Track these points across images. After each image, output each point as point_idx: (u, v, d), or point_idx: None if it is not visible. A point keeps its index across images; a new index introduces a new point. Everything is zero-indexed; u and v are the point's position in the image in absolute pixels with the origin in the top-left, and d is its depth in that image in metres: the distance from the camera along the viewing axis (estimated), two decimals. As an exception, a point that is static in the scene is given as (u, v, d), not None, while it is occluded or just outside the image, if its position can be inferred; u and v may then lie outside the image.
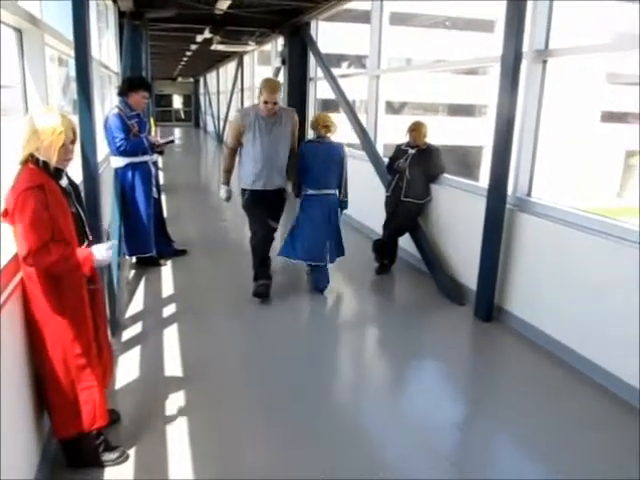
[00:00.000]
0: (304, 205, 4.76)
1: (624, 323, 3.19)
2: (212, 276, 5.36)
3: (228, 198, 4.73)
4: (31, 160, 2.21)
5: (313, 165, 4.61)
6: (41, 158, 2.21)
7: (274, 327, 4.15)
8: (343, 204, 4.83)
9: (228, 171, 4.67)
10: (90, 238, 2.49)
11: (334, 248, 4.84)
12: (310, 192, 4.68)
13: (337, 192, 4.73)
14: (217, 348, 3.82)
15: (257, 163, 4.35)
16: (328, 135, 4.68)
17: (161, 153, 5.52)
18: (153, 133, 5.42)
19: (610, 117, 23.43)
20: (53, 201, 2.17)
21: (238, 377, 3.44)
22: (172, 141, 5.77)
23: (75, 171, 3.77)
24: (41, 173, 2.20)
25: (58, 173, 2.28)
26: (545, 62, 4.02)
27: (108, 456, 2.54)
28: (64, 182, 2.33)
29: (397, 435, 2.90)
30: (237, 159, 4.56)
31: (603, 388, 3.34)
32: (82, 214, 2.42)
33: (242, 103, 16.10)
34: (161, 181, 7.16)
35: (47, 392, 2.35)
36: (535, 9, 3.94)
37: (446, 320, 4.46)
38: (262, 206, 4.51)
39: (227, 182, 4.71)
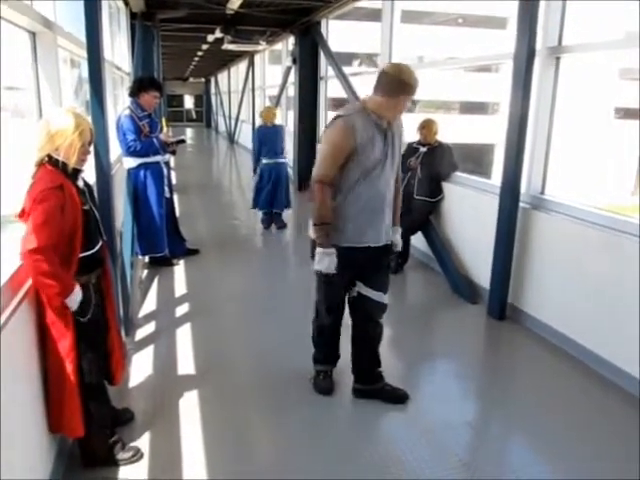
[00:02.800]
0: (263, 170, 6.77)
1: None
2: (224, 275, 5.38)
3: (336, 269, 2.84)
4: (49, 161, 2.22)
5: (266, 141, 6.72)
6: (60, 159, 2.23)
7: (287, 324, 4.15)
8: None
9: (328, 222, 2.77)
10: (105, 238, 2.51)
11: (284, 199, 6.94)
12: (265, 161, 6.73)
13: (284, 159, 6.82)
14: (230, 347, 3.83)
15: (375, 206, 2.81)
16: (274, 121, 6.79)
17: (173, 153, 5.54)
18: (165, 131, 5.44)
19: (624, 113, 23.16)
20: (69, 203, 2.18)
21: (251, 376, 3.44)
22: (183, 141, 5.79)
23: (88, 172, 3.81)
24: (60, 174, 2.22)
25: (75, 174, 2.30)
26: (558, 59, 3.99)
27: (122, 455, 2.56)
28: (80, 183, 2.35)
29: (409, 433, 2.89)
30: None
31: (619, 388, 3.31)
32: (96, 214, 2.44)
33: (253, 103, 16.12)
34: (173, 181, 7.19)
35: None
36: (548, 6, 3.91)
37: (459, 319, 4.43)
38: (357, 270, 2.97)
39: (329, 242, 2.79)
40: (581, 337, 3.66)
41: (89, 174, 3.82)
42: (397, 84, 2.69)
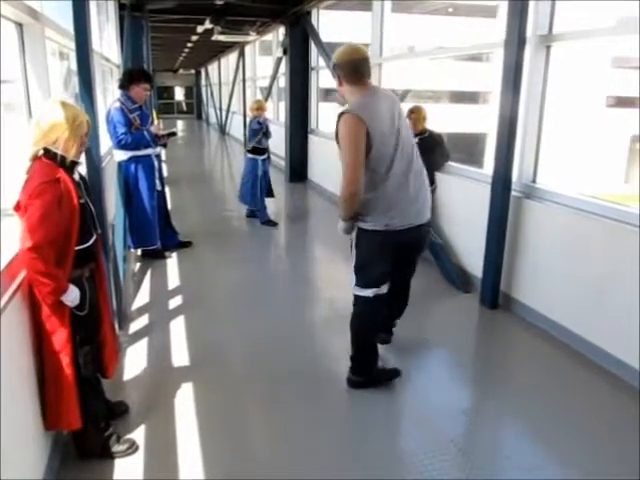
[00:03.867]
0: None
1: (631, 310, 3.19)
2: (217, 267, 5.37)
3: None
4: (45, 155, 2.20)
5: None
6: (58, 152, 2.21)
7: (279, 315, 4.16)
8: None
9: None
10: (99, 231, 2.50)
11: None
12: (250, 156, 6.80)
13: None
14: (223, 338, 3.83)
15: None
16: (259, 113, 6.65)
17: (164, 146, 5.51)
18: (156, 123, 5.39)
19: (616, 102, 23.23)
20: (66, 197, 2.17)
21: (245, 367, 3.45)
22: (174, 133, 5.76)
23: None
24: (56, 167, 2.20)
25: (72, 167, 2.28)
26: (549, 47, 3.98)
27: (117, 447, 2.56)
28: (76, 176, 2.34)
29: (404, 421, 2.92)
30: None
31: (611, 374, 3.34)
32: (91, 207, 2.42)
33: (244, 94, 16.03)
34: (164, 173, 7.17)
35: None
36: (538, -7, 3.91)
37: (451, 307, 4.46)
38: None
39: None
40: (573, 324, 3.68)
41: (80, 167, 3.80)
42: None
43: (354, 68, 2.85)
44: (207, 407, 2.98)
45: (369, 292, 3.01)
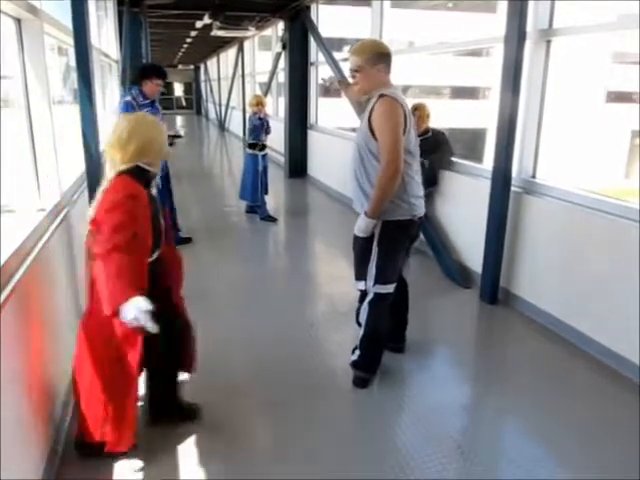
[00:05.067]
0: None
1: (631, 305, 3.19)
2: (217, 263, 5.37)
3: None
4: (127, 170, 2.19)
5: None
6: (150, 168, 2.23)
7: (280, 311, 4.16)
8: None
9: None
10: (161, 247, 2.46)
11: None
12: (250, 152, 6.74)
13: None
14: (223, 335, 3.82)
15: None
16: (259, 109, 6.59)
17: (170, 145, 5.47)
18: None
19: (616, 97, 23.18)
20: (142, 213, 2.17)
21: (245, 364, 3.45)
22: (180, 136, 5.73)
23: (78, 160, 3.77)
24: (136, 183, 2.20)
25: (149, 182, 2.29)
26: (549, 42, 3.97)
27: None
28: (154, 190, 2.35)
29: (405, 419, 2.92)
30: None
31: (612, 370, 3.34)
32: (162, 222, 2.41)
33: (243, 90, 16.00)
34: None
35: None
36: (538, -12, 3.89)
37: (451, 303, 4.46)
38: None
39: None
40: (573, 320, 3.68)
41: (79, 162, 3.79)
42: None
43: (387, 61, 2.92)
44: (207, 405, 2.97)
45: (391, 288, 3.04)
